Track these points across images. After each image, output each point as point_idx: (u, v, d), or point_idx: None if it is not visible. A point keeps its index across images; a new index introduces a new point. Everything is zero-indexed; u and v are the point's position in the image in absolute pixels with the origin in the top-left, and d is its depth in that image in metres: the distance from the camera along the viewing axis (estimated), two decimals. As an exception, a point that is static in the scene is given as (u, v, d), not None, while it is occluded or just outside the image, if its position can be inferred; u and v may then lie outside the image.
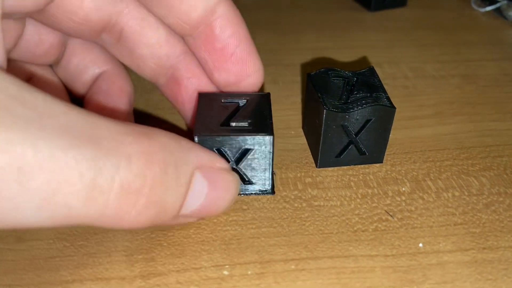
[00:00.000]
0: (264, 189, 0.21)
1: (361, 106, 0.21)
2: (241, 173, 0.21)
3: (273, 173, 0.22)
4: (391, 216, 0.21)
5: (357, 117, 0.21)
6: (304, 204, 0.21)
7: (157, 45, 0.22)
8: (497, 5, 0.38)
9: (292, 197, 0.21)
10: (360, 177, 0.23)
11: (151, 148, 0.15)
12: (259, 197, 0.21)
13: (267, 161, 0.20)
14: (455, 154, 0.24)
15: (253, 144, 0.20)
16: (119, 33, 0.21)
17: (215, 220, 0.20)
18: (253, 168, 0.21)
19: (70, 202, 0.13)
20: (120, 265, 0.18)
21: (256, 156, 0.20)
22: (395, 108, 0.21)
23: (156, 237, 0.19)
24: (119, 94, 0.22)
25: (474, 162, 0.24)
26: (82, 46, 0.23)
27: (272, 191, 0.22)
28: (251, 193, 0.21)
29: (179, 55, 0.22)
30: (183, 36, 0.21)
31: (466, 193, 0.22)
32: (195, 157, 0.16)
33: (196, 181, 0.16)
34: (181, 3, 0.20)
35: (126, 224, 0.15)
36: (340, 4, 0.40)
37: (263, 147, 0.20)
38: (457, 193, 0.22)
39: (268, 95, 0.22)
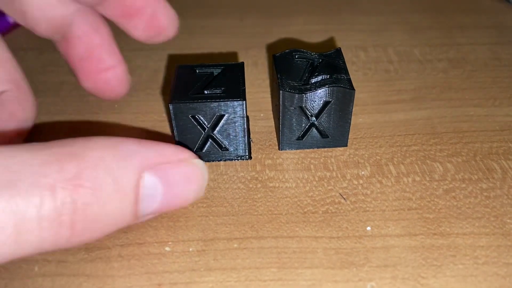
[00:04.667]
0: (241, 155, 0.22)
1: (319, 87, 0.21)
2: (217, 139, 0.22)
3: (249, 140, 0.23)
4: (344, 199, 0.20)
5: (315, 99, 0.21)
6: (259, 185, 0.21)
7: (48, 6, 0.22)
8: (501, -13, 0.36)
9: (249, 178, 0.21)
10: (321, 160, 0.22)
11: (79, 170, 0.14)
12: (215, 176, 0.22)
13: (241, 126, 0.21)
14: (424, 140, 0.23)
15: (226, 110, 0.20)
16: None
17: (167, 198, 0.20)
18: (228, 134, 0.21)
19: (0, 250, 0.13)
20: (67, 238, 0.19)
21: (230, 121, 0.21)
22: (354, 90, 0.21)
23: (107, 213, 0.20)
24: (7, 119, 0.21)
25: (443, 147, 0.23)
26: None
27: (249, 156, 0.22)
28: (228, 159, 0.22)
29: (73, 14, 0.22)
30: (91, 6, 0.22)
31: (428, 179, 0.21)
32: (141, 158, 0.16)
33: (146, 183, 0.16)
34: None
35: (73, 245, 0.14)
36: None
37: (236, 112, 0.20)
38: (418, 178, 0.21)
39: (242, 64, 0.22)
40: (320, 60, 0.23)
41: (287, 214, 0.20)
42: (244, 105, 0.20)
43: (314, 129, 0.22)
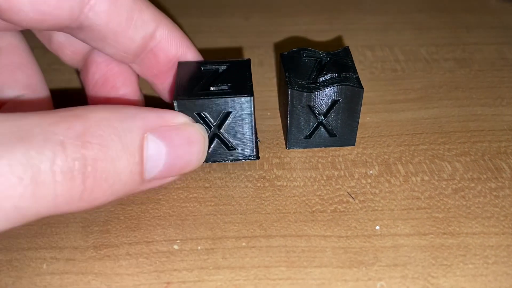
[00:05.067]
0: (249, 154, 0.21)
1: (327, 86, 0.21)
2: (224, 138, 0.21)
3: (257, 140, 0.22)
4: (352, 198, 0.20)
5: (323, 97, 0.21)
6: (266, 184, 0.21)
7: None
8: (507, -13, 0.36)
9: (256, 176, 0.21)
10: (329, 159, 0.22)
11: (85, 128, 0.15)
12: (223, 175, 0.21)
13: (249, 124, 0.20)
14: (432, 139, 0.23)
15: (234, 107, 0.20)
16: None
17: (175, 197, 0.20)
18: (235, 132, 0.21)
19: (19, 204, 0.13)
20: (75, 236, 0.19)
21: (237, 119, 0.20)
22: (362, 88, 0.21)
23: (115, 211, 0.20)
24: None
25: (451, 147, 0.23)
26: (5, 68, 0.22)
27: (257, 156, 0.22)
28: (235, 159, 0.22)
29: None
30: (123, 63, 0.22)
31: (436, 178, 0.21)
32: (143, 120, 0.16)
33: (149, 144, 0.16)
34: (117, 37, 0.20)
35: (85, 204, 0.15)
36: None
37: (244, 109, 0.20)
38: (426, 178, 0.21)
39: (248, 61, 0.22)
40: (328, 59, 0.22)
41: (295, 213, 0.20)
42: (252, 101, 0.20)
43: (322, 128, 0.22)
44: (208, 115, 0.20)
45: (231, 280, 0.17)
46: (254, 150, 0.22)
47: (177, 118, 0.18)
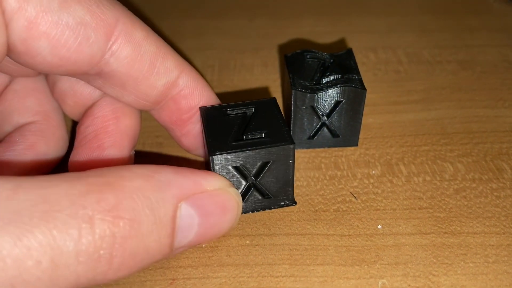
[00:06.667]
0: (286, 201, 0.20)
1: (331, 87, 0.21)
2: (261, 188, 0.19)
3: (354, 197, 0.21)
4: (354, 197, 0.20)
5: (327, 98, 0.21)
6: (270, 183, 0.21)
7: (79, 81, 0.20)
8: (510, -11, 0.37)
9: (260, 176, 0.22)
10: (332, 159, 0.23)
11: (118, 201, 0.13)
12: (227, 175, 0.22)
13: (288, 171, 0.19)
14: (434, 140, 0.24)
15: (274, 156, 0.18)
16: None
17: (180, 195, 0.21)
18: (272, 181, 0.19)
19: (35, 287, 0.12)
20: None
21: (276, 167, 0.19)
22: (365, 90, 0.21)
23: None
24: (23, 151, 0.20)
25: (453, 148, 0.23)
26: (16, 93, 0.21)
27: (293, 202, 0.20)
28: (273, 207, 0.20)
29: (102, 94, 0.20)
30: (142, 110, 0.21)
31: (438, 178, 0.21)
32: (177, 189, 0.15)
33: (182, 214, 0.15)
34: (138, 85, 0.18)
35: (109, 279, 0.14)
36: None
37: (284, 157, 0.18)
38: (428, 178, 0.21)
39: (274, 100, 0.20)
40: (332, 60, 0.23)
41: (299, 212, 0.20)
42: (293, 148, 0.18)
43: (325, 128, 0.22)
44: (245, 166, 0.19)
45: (235, 277, 0.17)
46: (292, 196, 0.20)
47: (213, 183, 0.16)
